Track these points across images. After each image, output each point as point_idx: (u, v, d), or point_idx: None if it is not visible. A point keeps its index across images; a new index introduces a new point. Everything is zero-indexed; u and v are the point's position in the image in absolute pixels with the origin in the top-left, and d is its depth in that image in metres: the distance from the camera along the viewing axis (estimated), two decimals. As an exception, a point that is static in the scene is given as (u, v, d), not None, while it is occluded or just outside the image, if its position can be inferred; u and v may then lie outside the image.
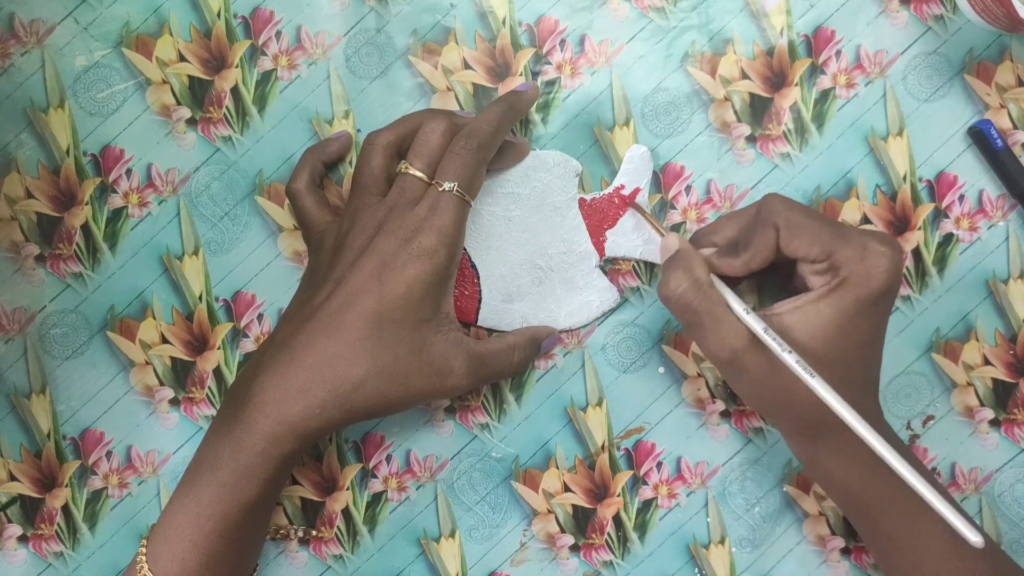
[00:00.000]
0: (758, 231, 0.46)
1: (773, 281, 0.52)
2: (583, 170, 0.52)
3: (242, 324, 0.53)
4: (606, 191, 0.52)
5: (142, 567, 0.46)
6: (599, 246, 0.52)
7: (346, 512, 0.53)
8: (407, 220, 0.47)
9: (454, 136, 0.48)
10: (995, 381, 0.52)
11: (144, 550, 0.46)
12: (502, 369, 0.50)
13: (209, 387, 0.53)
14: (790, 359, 0.43)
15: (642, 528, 0.53)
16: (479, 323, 0.52)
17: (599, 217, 0.52)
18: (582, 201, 0.52)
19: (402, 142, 0.49)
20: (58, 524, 0.53)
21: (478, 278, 0.52)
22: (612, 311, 0.53)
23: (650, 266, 0.53)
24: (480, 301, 0.52)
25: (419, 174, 0.48)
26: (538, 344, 0.51)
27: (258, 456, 0.45)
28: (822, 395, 0.43)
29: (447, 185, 0.46)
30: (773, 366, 0.45)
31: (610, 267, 0.53)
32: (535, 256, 0.52)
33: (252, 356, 0.50)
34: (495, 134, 0.48)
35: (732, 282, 0.48)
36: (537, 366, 0.53)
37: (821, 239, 0.45)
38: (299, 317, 0.47)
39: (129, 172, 0.53)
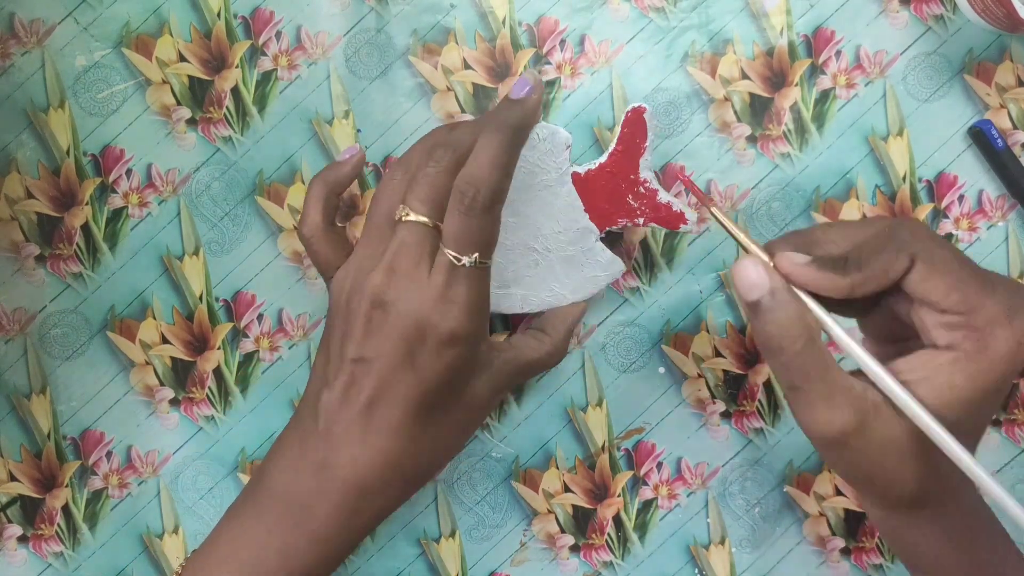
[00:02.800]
0: (885, 255, 0.38)
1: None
2: (572, 140, 0.49)
3: (242, 324, 0.53)
4: (600, 159, 0.49)
5: None
6: (598, 220, 0.49)
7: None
8: (424, 295, 0.41)
9: (459, 164, 0.42)
10: (995, 381, 0.52)
11: None
12: (539, 372, 0.49)
13: (209, 387, 0.53)
14: (934, 427, 0.37)
15: (642, 528, 0.53)
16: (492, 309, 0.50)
17: (596, 190, 0.49)
18: (575, 175, 0.49)
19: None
20: (58, 524, 0.53)
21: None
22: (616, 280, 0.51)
23: (650, 265, 0.53)
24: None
25: (423, 219, 0.42)
26: (572, 330, 0.49)
27: (306, 540, 0.43)
28: (967, 467, 0.37)
29: (466, 260, 0.41)
30: (887, 441, 0.38)
31: (618, 244, 0.53)
32: (529, 239, 0.49)
33: (294, 450, 0.45)
34: (505, 175, 0.42)
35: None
36: None
37: (965, 287, 0.37)
38: (338, 410, 0.43)
39: (129, 172, 0.53)
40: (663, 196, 0.49)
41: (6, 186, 0.53)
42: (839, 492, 0.53)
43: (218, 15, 0.53)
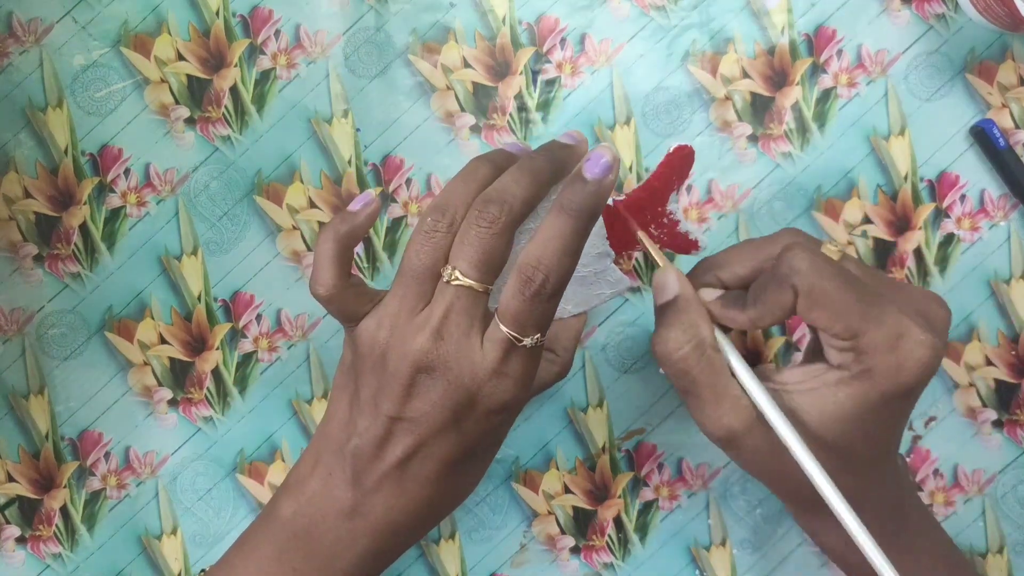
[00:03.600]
0: (773, 287, 0.40)
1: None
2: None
3: (241, 324, 0.53)
4: (631, 190, 0.48)
5: None
6: (616, 245, 0.47)
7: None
8: (476, 368, 0.40)
9: (513, 224, 0.40)
10: (997, 382, 0.52)
11: None
12: (547, 388, 0.48)
13: (208, 388, 0.53)
14: (798, 448, 0.39)
15: (643, 530, 0.53)
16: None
17: (620, 219, 0.47)
18: (610, 205, 0.47)
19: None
20: (56, 525, 0.53)
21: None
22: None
23: (651, 265, 0.53)
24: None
25: (473, 284, 0.40)
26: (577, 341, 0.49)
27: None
28: (819, 485, 0.39)
29: (527, 341, 0.40)
30: (772, 447, 0.40)
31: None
32: None
33: (323, 491, 0.43)
34: (573, 263, 0.40)
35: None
36: None
37: (847, 316, 0.38)
38: (372, 459, 0.42)
39: (127, 172, 0.53)
40: (683, 226, 0.48)
41: (4, 186, 0.53)
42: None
43: (217, 14, 0.52)
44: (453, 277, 0.40)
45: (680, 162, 0.47)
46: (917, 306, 0.40)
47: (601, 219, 0.47)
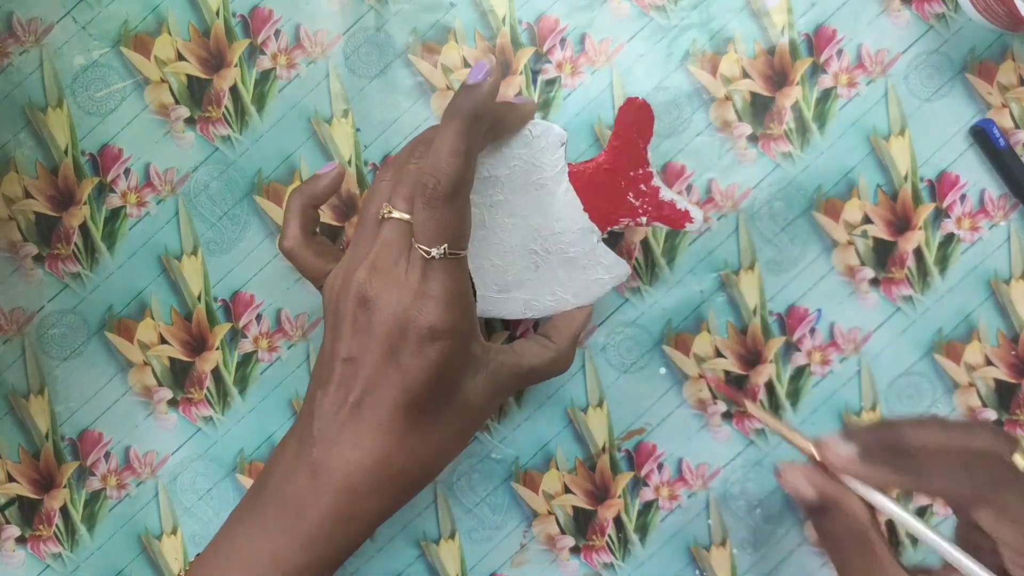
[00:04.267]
0: (949, 481, 0.38)
1: None
2: (567, 137, 0.47)
3: (241, 324, 0.53)
4: (598, 160, 0.48)
5: None
6: (599, 220, 0.47)
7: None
8: (402, 292, 0.41)
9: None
10: (997, 382, 0.52)
11: None
12: (543, 380, 0.48)
13: (208, 388, 0.53)
14: None
15: (643, 530, 0.53)
16: (478, 315, 0.49)
17: (594, 189, 0.47)
18: (572, 172, 0.47)
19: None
20: (56, 525, 0.53)
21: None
22: (623, 284, 0.50)
23: (651, 264, 0.53)
24: (474, 295, 0.48)
25: (405, 216, 0.42)
26: (578, 336, 0.48)
27: (328, 541, 0.43)
28: None
29: (435, 252, 0.40)
30: None
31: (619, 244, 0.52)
32: (527, 240, 0.47)
33: (291, 451, 0.45)
34: (466, 162, 0.40)
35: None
36: None
37: (999, 505, 0.37)
38: (331, 412, 0.43)
39: (127, 172, 0.53)
40: (665, 193, 0.48)
41: (4, 186, 0.53)
42: (841, 493, 0.52)
43: (216, 14, 0.52)
44: (387, 212, 0.42)
45: (636, 115, 0.46)
46: None
47: (572, 189, 0.47)
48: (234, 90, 0.53)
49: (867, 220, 0.52)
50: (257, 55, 0.53)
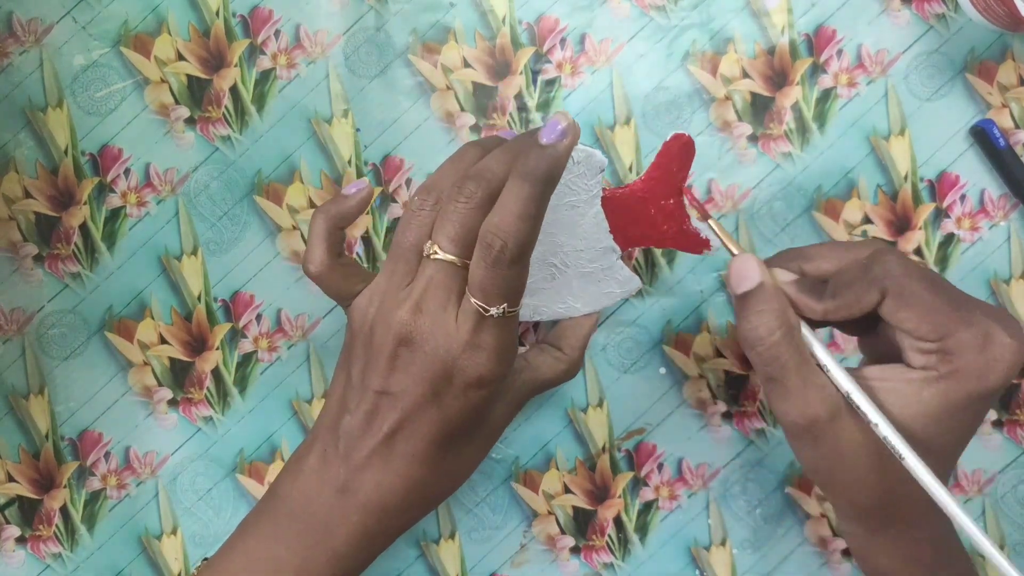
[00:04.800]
0: (859, 285, 0.40)
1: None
2: (607, 165, 0.48)
3: (241, 324, 0.53)
4: (632, 183, 0.48)
5: None
6: (622, 241, 0.48)
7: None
8: (451, 340, 0.41)
9: (491, 199, 0.40)
10: (997, 381, 0.52)
11: None
12: (553, 388, 0.48)
13: (208, 388, 0.53)
14: (891, 434, 0.38)
15: (643, 530, 0.53)
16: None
17: (624, 213, 0.48)
18: (606, 195, 0.47)
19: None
20: (56, 525, 0.53)
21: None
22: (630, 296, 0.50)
23: (651, 264, 0.53)
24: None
25: (452, 258, 0.41)
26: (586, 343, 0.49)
27: (324, 555, 0.44)
28: (923, 479, 0.38)
29: (494, 311, 0.40)
30: (855, 443, 0.39)
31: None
32: (548, 254, 0.48)
33: (313, 468, 0.44)
34: (534, 228, 0.40)
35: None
36: None
37: (937, 318, 0.39)
38: (361, 437, 0.43)
39: (127, 172, 0.53)
40: (692, 224, 0.48)
41: (4, 186, 0.53)
42: (841, 493, 0.52)
43: (216, 14, 0.52)
44: (433, 252, 0.41)
45: (679, 151, 0.47)
46: (996, 315, 0.40)
47: (602, 212, 0.47)
48: (234, 90, 0.53)
49: (867, 220, 0.52)
50: (257, 55, 0.53)
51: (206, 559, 0.47)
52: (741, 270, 0.41)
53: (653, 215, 0.48)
